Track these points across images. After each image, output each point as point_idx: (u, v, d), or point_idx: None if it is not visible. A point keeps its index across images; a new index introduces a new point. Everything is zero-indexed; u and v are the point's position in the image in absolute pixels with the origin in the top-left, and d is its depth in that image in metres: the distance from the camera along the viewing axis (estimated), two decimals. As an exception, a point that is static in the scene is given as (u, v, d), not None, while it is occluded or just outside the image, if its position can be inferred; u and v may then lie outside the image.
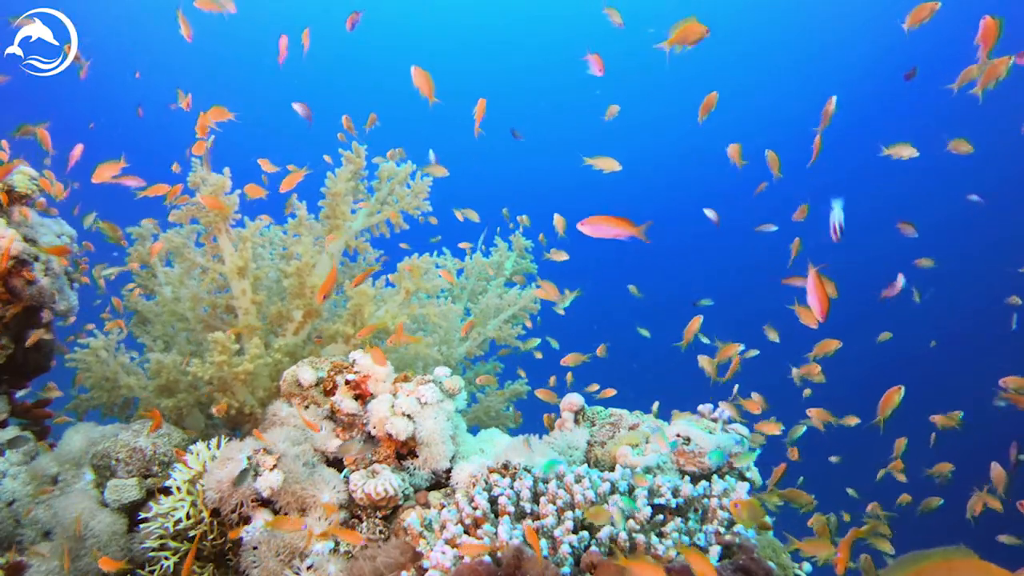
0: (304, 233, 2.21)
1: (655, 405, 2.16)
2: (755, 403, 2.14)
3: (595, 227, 1.50)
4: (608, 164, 2.28)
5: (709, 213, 3.24)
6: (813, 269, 1.41)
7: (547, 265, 2.87)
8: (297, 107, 2.67)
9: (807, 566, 1.45)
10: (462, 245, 2.93)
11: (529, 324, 2.72)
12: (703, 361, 2.31)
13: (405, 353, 2.27)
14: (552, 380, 3.10)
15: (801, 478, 2.82)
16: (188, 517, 1.57)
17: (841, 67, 16.22)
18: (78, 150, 2.39)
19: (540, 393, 2.33)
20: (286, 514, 1.54)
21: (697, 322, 2.25)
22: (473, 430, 1.96)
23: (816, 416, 2.48)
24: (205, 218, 2.08)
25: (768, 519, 1.51)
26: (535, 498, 1.42)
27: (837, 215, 2.02)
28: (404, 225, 2.32)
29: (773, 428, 2.13)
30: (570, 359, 2.69)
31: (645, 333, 4.56)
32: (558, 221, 2.79)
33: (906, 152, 2.37)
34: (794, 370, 2.56)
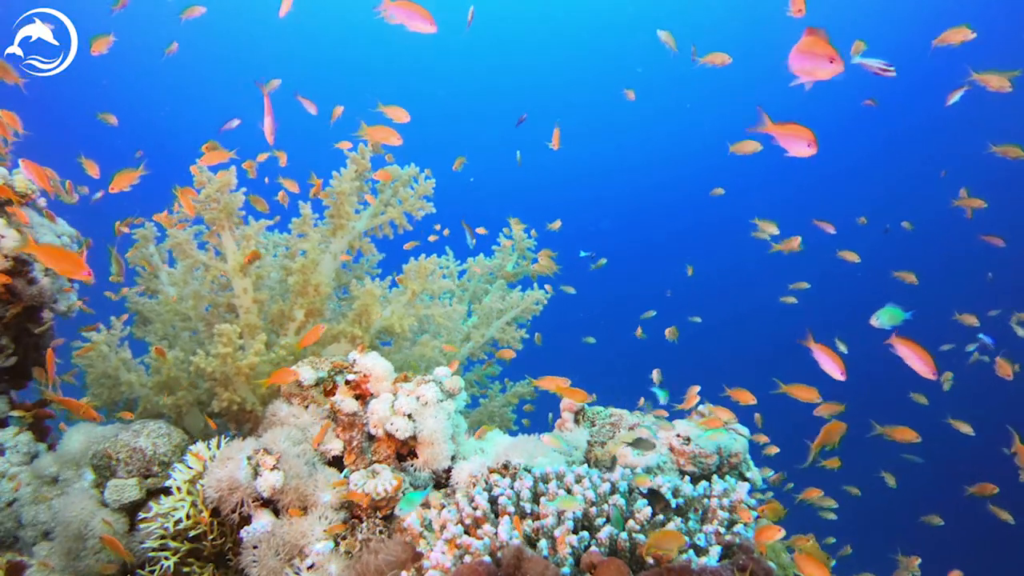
0: (309, 231, 2.21)
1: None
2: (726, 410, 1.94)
3: None
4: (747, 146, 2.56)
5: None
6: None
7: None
8: (304, 101, 2.76)
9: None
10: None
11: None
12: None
13: (408, 353, 2.27)
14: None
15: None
16: (188, 517, 1.57)
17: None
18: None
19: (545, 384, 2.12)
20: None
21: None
22: (473, 431, 1.96)
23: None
24: (209, 215, 2.07)
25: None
26: (535, 498, 1.42)
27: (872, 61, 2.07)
28: (408, 226, 2.31)
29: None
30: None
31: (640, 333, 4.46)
32: (555, 137, 3.21)
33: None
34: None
